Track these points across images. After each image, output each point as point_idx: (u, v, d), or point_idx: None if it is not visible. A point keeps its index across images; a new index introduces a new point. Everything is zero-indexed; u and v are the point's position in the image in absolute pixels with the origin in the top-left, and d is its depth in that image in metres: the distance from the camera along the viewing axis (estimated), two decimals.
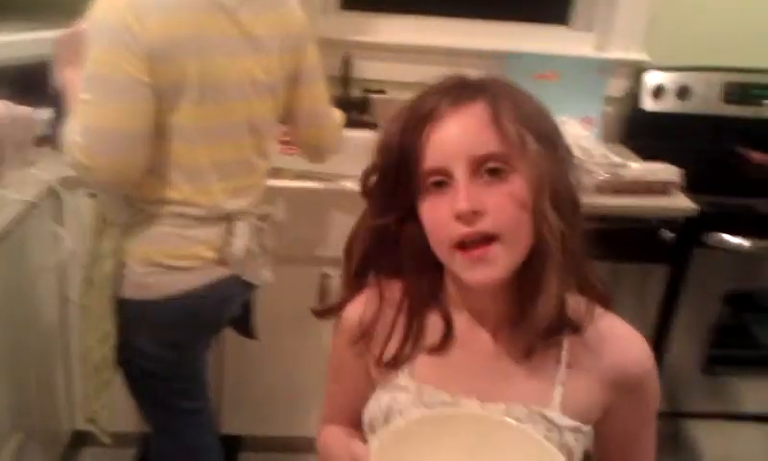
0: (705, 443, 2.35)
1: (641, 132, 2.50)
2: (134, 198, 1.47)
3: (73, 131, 1.36)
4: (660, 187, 2.06)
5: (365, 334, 0.95)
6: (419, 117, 0.84)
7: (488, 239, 0.81)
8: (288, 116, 1.67)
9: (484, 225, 0.81)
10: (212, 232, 1.52)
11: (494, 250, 0.81)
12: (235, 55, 1.46)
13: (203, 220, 1.50)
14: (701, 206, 2.04)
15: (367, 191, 0.92)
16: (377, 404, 0.94)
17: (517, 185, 0.81)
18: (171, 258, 1.49)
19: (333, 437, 1.04)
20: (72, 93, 1.44)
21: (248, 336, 1.84)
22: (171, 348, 1.61)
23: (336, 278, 2.01)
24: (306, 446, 2.24)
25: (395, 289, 0.95)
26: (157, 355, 1.59)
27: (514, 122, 0.81)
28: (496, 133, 0.81)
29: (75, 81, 1.43)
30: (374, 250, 0.93)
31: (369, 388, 0.98)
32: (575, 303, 0.88)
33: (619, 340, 0.90)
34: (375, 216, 0.91)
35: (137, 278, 1.50)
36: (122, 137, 1.35)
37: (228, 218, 1.54)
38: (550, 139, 0.84)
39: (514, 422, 0.84)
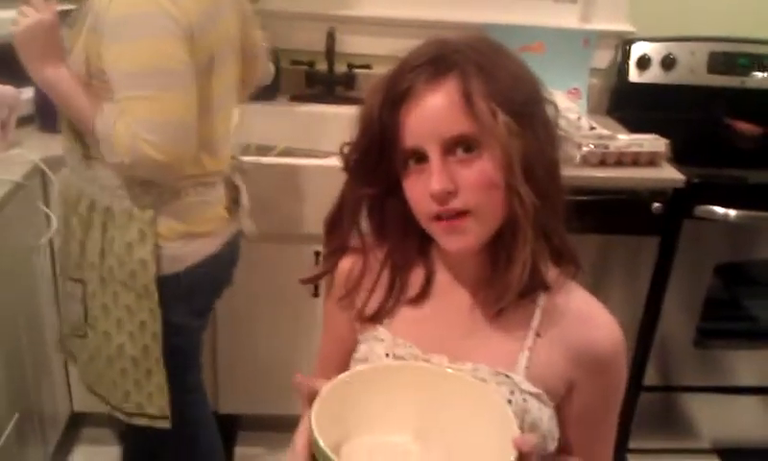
0: (697, 416, 2.36)
1: (627, 103, 2.51)
2: (160, 181, 1.48)
3: (130, 131, 1.32)
4: (647, 159, 2.06)
5: (351, 289, 0.99)
6: (396, 95, 0.86)
7: (461, 213, 0.85)
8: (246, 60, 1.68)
9: (456, 203, 0.85)
10: (223, 191, 1.62)
11: (467, 222, 0.85)
12: (226, 15, 1.49)
13: (216, 183, 1.59)
14: (689, 177, 2.04)
15: (349, 165, 0.94)
16: (357, 355, 0.99)
17: (489, 162, 0.84)
18: (199, 225, 1.56)
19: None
20: (63, 90, 1.41)
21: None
22: (196, 316, 1.68)
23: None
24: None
25: (379, 249, 0.99)
26: (187, 327, 1.65)
27: (485, 98, 0.83)
28: (467, 111, 0.83)
29: (62, 77, 1.40)
30: (359, 218, 0.97)
31: (354, 344, 1.01)
32: (548, 273, 0.91)
33: (591, 319, 0.92)
34: (360, 187, 0.94)
35: (171, 251, 1.52)
36: (190, 126, 1.37)
37: (229, 175, 1.65)
38: (525, 111, 0.85)
39: (460, 373, 0.88)
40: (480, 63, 0.85)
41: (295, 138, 2.27)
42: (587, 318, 0.92)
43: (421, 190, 0.86)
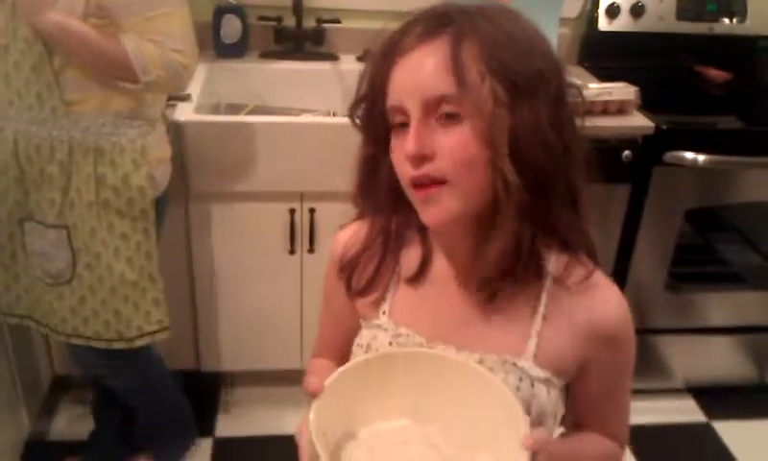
0: (670, 357, 2.42)
1: (597, 52, 2.51)
2: (146, 106, 1.63)
3: (159, 46, 1.50)
4: (616, 107, 2.08)
5: (347, 264, 0.96)
6: (389, 49, 0.82)
7: (437, 182, 0.80)
8: None
9: (430, 168, 0.80)
10: None
11: (441, 191, 0.80)
12: None
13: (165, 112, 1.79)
14: (658, 124, 2.06)
15: (354, 121, 0.91)
16: (359, 340, 0.96)
17: (470, 132, 0.78)
18: (166, 151, 1.75)
19: (314, 370, 1.05)
20: (79, 31, 1.47)
21: None
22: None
23: (303, 211, 2.04)
24: (284, 378, 2.30)
25: (377, 220, 0.95)
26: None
27: (477, 61, 0.77)
28: (453, 73, 0.77)
29: (70, 20, 1.46)
30: (365, 181, 0.93)
31: (355, 324, 0.99)
32: (557, 261, 0.88)
33: (598, 296, 0.89)
34: (363, 146, 0.91)
35: (156, 176, 1.69)
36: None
37: None
38: (526, 85, 0.78)
39: (461, 358, 0.87)
40: (483, 28, 0.79)
41: (265, 96, 2.26)
42: (595, 295, 0.89)
43: (402, 152, 0.81)
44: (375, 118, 0.85)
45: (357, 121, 0.90)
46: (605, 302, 0.89)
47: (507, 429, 0.77)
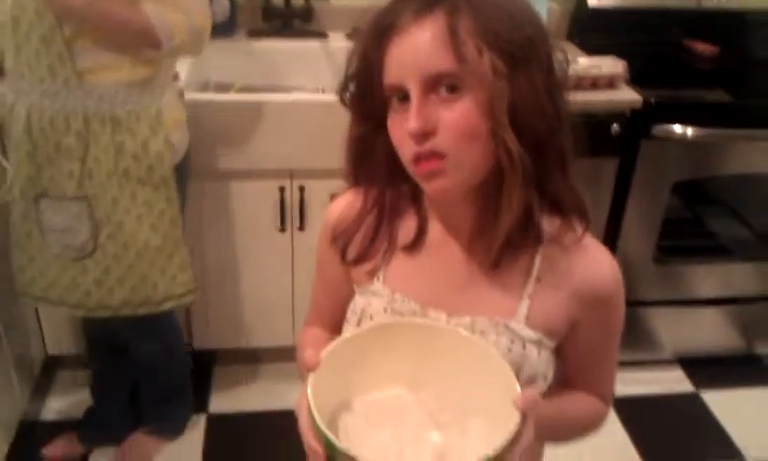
0: (658, 328, 2.45)
1: (587, 27, 2.50)
2: (160, 72, 1.66)
3: (180, 12, 1.56)
4: (605, 81, 2.08)
5: (341, 233, 0.97)
6: (383, 27, 0.82)
7: (439, 156, 0.81)
8: None
9: (433, 144, 0.81)
10: None
11: (444, 164, 0.81)
12: None
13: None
14: (646, 97, 2.07)
15: (344, 100, 0.91)
16: (353, 307, 0.97)
17: (471, 105, 0.79)
18: (182, 114, 1.78)
19: (307, 340, 1.07)
20: (102, 6, 1.50)
21: None
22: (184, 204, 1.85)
23: (293, 189, 2.04)
24: (276, 355, 2.31)
25: (372, 192, 0.96)
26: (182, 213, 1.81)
27: (473, 35, 0.77)
28: (452, 49, 0.77)
29: None
30: (358, 158, 0.93)
31: (348, 291, 1.00)
32: (549, 223, 0.89)
33: (590, 257, 0.91)
34: (354, 125, 0.91)
35: (174, 141, 1.71)
36: None
37: None
38: (520, 54, 0.79)
39: (454, 327, 0.88)
40: (475, 1, 0.79)
41: (254, 75, 2.25)
42: (587, 257, 0.90)
43: (402, 130, 0.82)
44: (371, 97, 0.85)
45: (347, 100, 0.90)
46: (597, 263, 0.91)
47: (499, 393, 0.79)
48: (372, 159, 0.91)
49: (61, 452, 2.06)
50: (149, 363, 2.02)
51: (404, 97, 0.82)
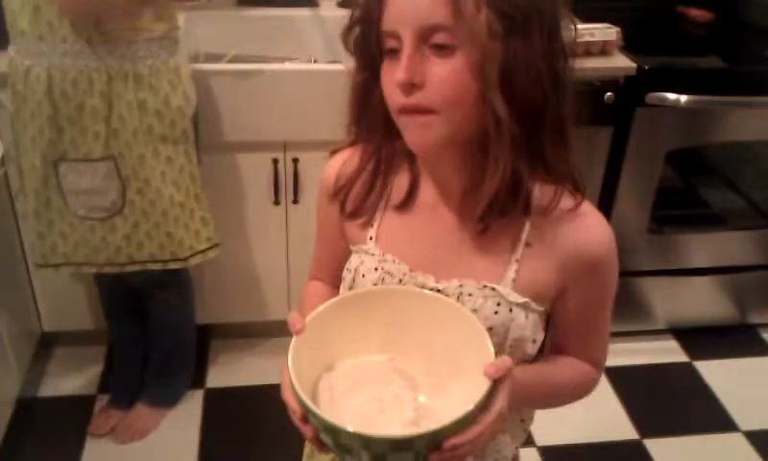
0: (652, 298, 2.46)
1: None
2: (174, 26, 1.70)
3: None
4: (599, 48, 2.07)
5: (342, 188, 0.97)
6: None
7: (425, 110, 0.81)
8: None
9: (419, 98, 0.80)
10: None
11: (429, 118, 0.81)
12: None
13: None
14: (640, 64, 2.06)
15: (347, 45, 0.89)
16: (348, 265, 0.98)
17: (462, 63, 0.78)
18: (190, 66, 1.79)
19: (308, 294, 1.09)
20: None
21: None
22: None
23: (287, 161, 2.03)
24: (273, 328, 2.31)
25: (369, 144, 0.96)
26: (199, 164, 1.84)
27: None
28: (450, 3, 0.76)
29: None
30: (358, 106, 0.92)
31: (346, 248, 1.01)
32: (541, 192, 0.88)
33: (582, 222, 0.89)
34: (355, 71, 0.90)
35: (189, 93, 1.74)
36: None
37: None
38: (521, 17, 0.77)
39: (435, 294, 0.89)
40: None
41: (245, 44, 2.22)
42: (577, 221, 0.89)
43: (392, 79, 0.81)
44: (369, 43, 0.85)
45: (350, 45, 0.89)
46: (590, 228, 0.90)
47: (479, 359, 0.80)
48: (370, 109, 0.90)
49: (108, 426, 2.08)
50: (164, 313, 2.05)
51: (397, 47, 0.81)
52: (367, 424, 0.77)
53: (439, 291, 0.90)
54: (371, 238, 0.96)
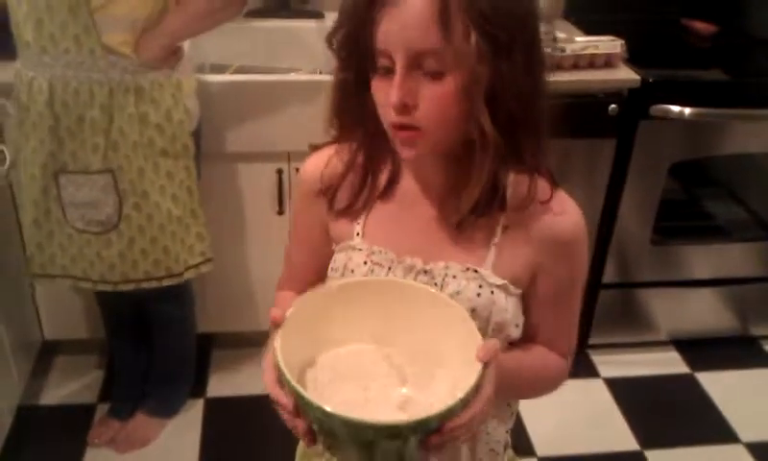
0: (654, 310, 2.46)
1: (584, 5, 2.49)
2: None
3: None
4: (603, 60, 2.07)
5: (325, 187, 0.99)
6: None
7: (417, 128, 0.84)
8: None
9: (413, 118, 0.83)
10: None
11: (420, 136, 0.85)
12: None
13: None
14: (644, 77, 2.06)
15: (331, 45, 0.91)
16: (333, 264, 0.99)
17: (452, 86, 0.81)
18: (194, 81, 1.80)
19: (280, 303, 1.07)
20: (173, 38, 1.66)
21: None
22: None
23: (291, 171, 2.03)
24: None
25: (353, 141, 0.97)
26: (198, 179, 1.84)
27: (463, 13, 0.78)
28: (440, 27, 0.78)
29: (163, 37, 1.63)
30: (342, 102, 0.94)
31: (328, 251, 1.01)
32: (516, 183, 0.92)
33: (555, 207, 0.93)
34: (338, 71, 0.91)
35: (190, 108, 1.74)
36: None
37: None
38: (505, 34, 0.79)
39: (415, 283, 0.92)
40: None
41: (249, 56, 2.22)
42: (550, 207, 0.93)
43: (384, 96, 0.84)
44: (357, 49, 0.86)
45: (334, 45, 0.90)
46: (560, 211, 0.94)
47: (464, 346, 0.81)
48: (355, 109, 0.92)
49: (107, 436, 2.08)
50: (165, 324, 2.05)
51: (390, 66, 0.83)
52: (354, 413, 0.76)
53: (426, 272, 0.94)
54: (357, 234, 0.98)
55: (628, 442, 2.17)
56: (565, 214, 0.94)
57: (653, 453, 2.13)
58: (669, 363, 2.49)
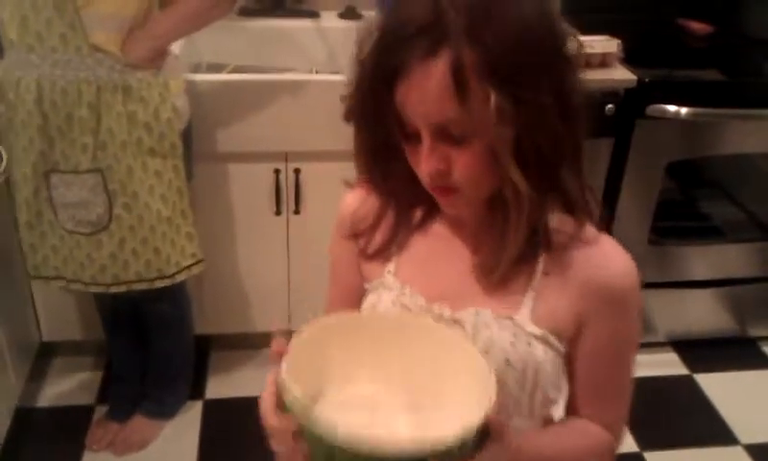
0: (652, 311, 2.45)
1: (580, 5, 2.47)
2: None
3: None
4: (599, 60, 2.07)
5: (361, 232, 0.97)
6: (389, 71, 0.78)
7: (454, 189, 0.83)
8: None
9: (447, 182, 0.82)
10: None
11: (459, 195, 0.84)
12: None
13: None
14: (640, 77, 2.06)
15: (350, 118, 0.89)
16: (364, 305, 0.97)
17: (480, 148, 0.78)
18: (182, 80, 1.78)
19: None
20: (162, 40, 1.67)
21: None
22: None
23: (288, 172, 2.03)
24: (271, 340, 2.30)
25: (385, 187, 0.95)
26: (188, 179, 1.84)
27: (479, 73, 0.74)
28: (457, 98, 0.75)
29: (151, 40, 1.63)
30: (368, 164, 0.93)
31: (360, 290, 0.99)
32: (561, 223, 0.86)
33: (603, 251, 0.87)
34: (363, 136, 0.90)
35: (179, 107, 1.73)
36: None
37: None
38: (527, 80, 0.75)
39: (432, 321, 0.87)
40: (481, 32, 0.74)
41: (245, 55, 2.23)
42: (600, 252, 0.87)
43: (417, 163, 0.83)
44: (384, 122, 0.83)
45: (354, 109, 0.87)
46: (609, 257, 0.87)
47: (476, 392, 0.77)
48: (385, 166, 0.91)
49: (105, 440, 2.07)
50: (161, 325, 2.05)
51: (417, 134, 0.81)
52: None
53: (455, 321, 0.88)
54: (389, 272, 0.95)
55: (626, 443, 2.16)
56: (612, 261, 0.88)
57: (651, 455, 2.12)
58: (667, 364, 2.48)
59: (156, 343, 2.09)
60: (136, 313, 2.04)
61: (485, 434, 0.75)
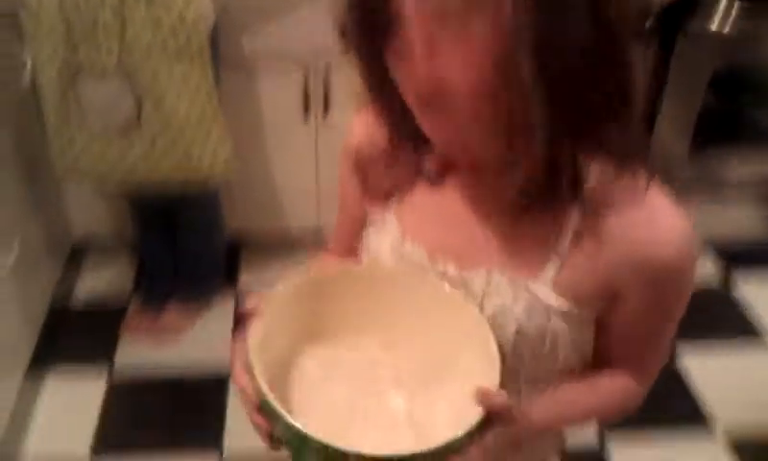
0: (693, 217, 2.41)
1: None
2: None
3: None
4: None
5: (362, 165, 0.85)
6: None
7: (448, 109, 0.66)
8: None
9: (441, 100, 0.63)
10: None
11: (451, 116, 0.65)
12: None
13: None
14: None
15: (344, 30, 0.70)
16: (366, 243, 0.87)
17: (484, 42, 0.58)
18: None
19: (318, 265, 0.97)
20: None
21: None
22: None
23: (318, 77, 2.00)
24: (301, 235, 2.32)
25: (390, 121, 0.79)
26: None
27: None
28: None
29: None
30: (381, 98, 0.76)
31: (364, 220, 0.89)
32: (600, 177, 0.70)
33: (651, 218, 0.70)
34: (365, 62, 0.72)
35: (205, 9, 1.71)
36: None
37: None
38: None
39: (433, 278, 0.77)
40: None
41: None
42: (644, 216, 0.70)
43: (409, 84, 0.66)
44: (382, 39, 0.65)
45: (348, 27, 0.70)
46: (658, 230, 0.71)
47: (475, 363, 0.70)
48: (391, 94, 0.71)
49: (142, 327, 2.15)
50: (193, 223, 2.10)
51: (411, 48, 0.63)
52: (336, 429, 0.65)
53: (461, 282, 0.77)
54: (391, 216, 0.84)
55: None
56: (663, 229, 0.71)
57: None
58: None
59: (186, 244, 2.13)
60: (167, 213, 2.07)
61: (485, 422, 0.66)
